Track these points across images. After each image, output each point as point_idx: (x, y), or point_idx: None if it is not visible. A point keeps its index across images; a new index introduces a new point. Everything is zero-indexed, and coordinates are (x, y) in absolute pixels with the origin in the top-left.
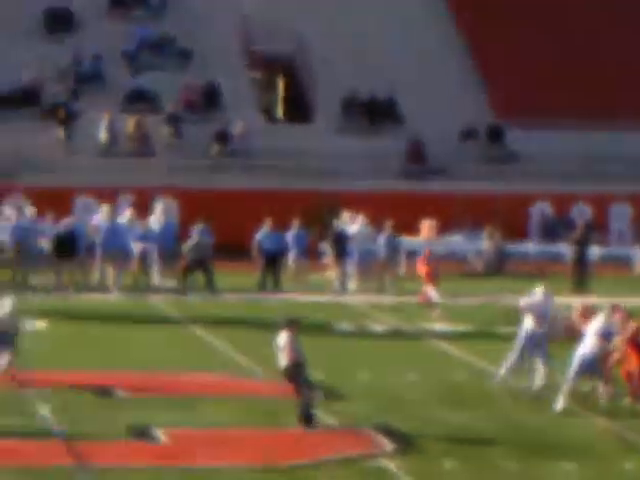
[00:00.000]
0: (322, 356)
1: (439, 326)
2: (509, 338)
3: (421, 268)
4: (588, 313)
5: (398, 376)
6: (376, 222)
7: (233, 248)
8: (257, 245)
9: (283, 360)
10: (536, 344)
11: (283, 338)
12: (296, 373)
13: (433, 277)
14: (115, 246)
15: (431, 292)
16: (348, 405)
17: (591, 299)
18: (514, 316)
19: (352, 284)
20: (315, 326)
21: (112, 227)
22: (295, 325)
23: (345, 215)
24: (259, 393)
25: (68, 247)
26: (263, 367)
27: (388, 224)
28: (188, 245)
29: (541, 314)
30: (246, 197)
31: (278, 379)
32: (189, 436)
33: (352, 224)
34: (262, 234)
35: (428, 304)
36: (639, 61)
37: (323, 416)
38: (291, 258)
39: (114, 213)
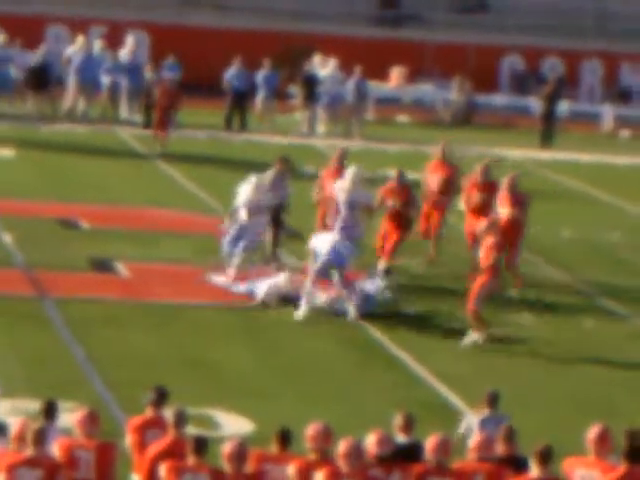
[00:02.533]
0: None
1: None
2: None
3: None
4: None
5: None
6: (347, 67)
7: (202, 85)
8: (225, 83)
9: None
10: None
11: (270, 174)
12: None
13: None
14: (87, 78)
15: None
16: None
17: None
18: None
19: (320, 127)
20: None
21: (86, 58)
22: (286, 163)
23: (316, 58)
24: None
25: (40, 78)
26: (224, 204)
27: (357, 69)
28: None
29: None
30: (218, 35)
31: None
32: (150, 270)
33: (323, 68)
34: (230, 72)
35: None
36: None
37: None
38: (260, 98)
39: (88, 45)
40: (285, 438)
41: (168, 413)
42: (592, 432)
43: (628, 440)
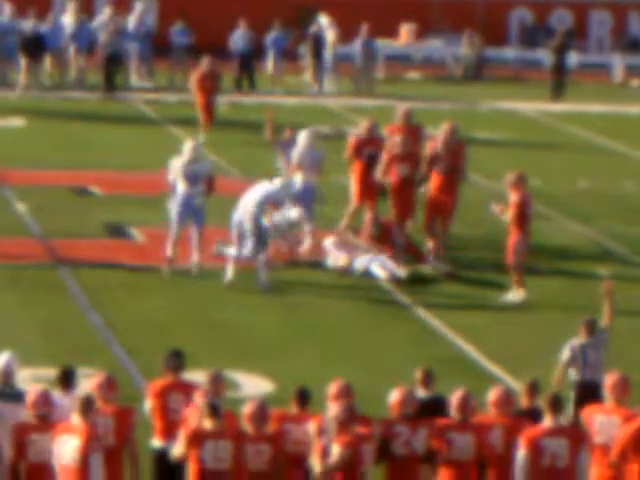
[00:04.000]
0: None
1: None
2: (486, 143)
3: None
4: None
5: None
6: (356, 26)
7: (212, 49)
8: (232, 45)
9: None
10: None
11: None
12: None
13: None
14: (82, 45)
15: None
16: (325, 209)
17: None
18: (491, 121)
19: (330, 86)
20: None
21: (80, 26)
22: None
23: (323, 19)
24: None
25: (33, 47)
26: (239, 168)
27: (364, 28)
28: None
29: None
30: None
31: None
32: (164, 235)
33: (330, 28)
34: (236, 35)
35: None
36: None
37: None
38: (269, 60)
39: (81, 13)
40: (304, 397)
41: (202, 378)
42: (610, 379)
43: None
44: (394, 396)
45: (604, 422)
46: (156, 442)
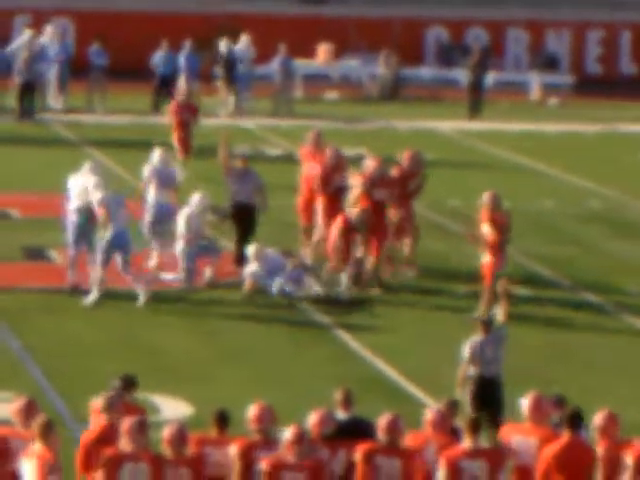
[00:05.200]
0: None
1: None
2: None
3: None
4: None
5: (288, 199)
6: (273, 46)
7: (127, 69)
8: (153, 67)
9: None
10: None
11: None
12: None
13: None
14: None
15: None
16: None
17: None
18: (409, 141)
19: (246, 107)
20: (211, 149)
21: None
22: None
23: (244, 38)
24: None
25: None
26: None
27: (282, 47)
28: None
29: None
30: (142, 18)
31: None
32: (84, 257)
33: (247, 47)
34: (157, 56)
35: None
36: None
37: None
38: (183, 80)
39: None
40: (223, 420)
41: (100, 399)
42: (529, 399)
43: (567, 407)
44: (312, 418)
45: (521, 442)
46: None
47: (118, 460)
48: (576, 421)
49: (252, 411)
